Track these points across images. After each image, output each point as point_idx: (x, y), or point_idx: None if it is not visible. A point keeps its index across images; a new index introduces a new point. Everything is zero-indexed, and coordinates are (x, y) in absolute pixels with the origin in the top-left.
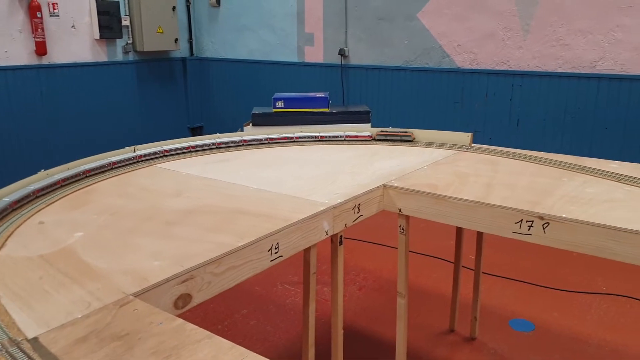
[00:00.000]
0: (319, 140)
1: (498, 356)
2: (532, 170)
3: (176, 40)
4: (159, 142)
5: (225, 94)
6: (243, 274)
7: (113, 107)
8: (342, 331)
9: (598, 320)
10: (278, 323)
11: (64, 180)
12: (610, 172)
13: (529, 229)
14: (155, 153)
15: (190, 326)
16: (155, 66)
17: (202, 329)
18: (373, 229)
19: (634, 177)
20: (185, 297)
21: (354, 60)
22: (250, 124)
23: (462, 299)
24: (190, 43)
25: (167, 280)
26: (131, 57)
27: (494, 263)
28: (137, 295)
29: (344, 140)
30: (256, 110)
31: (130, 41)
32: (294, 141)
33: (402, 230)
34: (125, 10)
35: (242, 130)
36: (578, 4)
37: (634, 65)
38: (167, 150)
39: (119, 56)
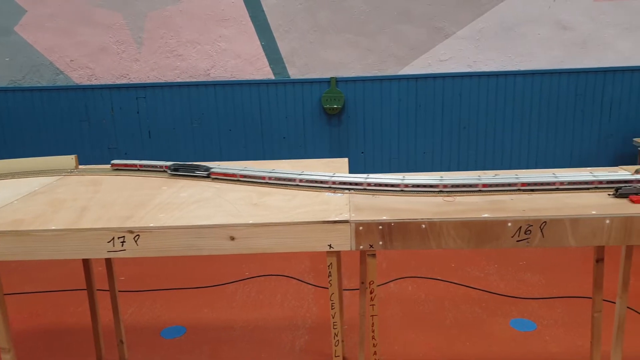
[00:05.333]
0: None
1: None
2: (135, 184)
3: None
4: None
5: None
6: None
7: None
8: None
9: (243, 303)
10: None
11: None
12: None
13: (122, 245)
14: None
15: None
16: None
17: None
18: None
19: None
20: None
21: None
22: None
23: (109, 326)
24: None
25: None
26: None
27: (145, 277)
28: None
29: None
30: None
31: None
32: None
33: None
34: None
35: None
36: (182, 17)
37: (240, 71)
38: None
39: None
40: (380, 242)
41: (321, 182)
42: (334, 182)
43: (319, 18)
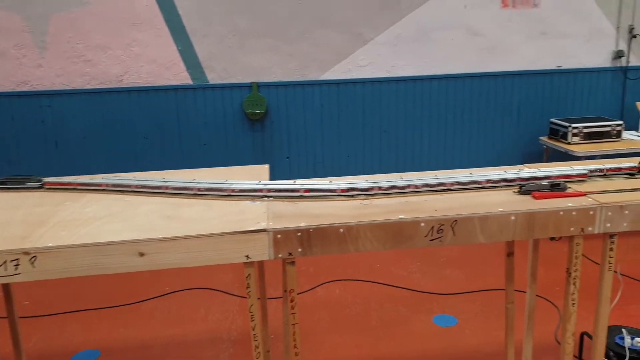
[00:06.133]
0: None
1: None
2: (34, 200)
3: None
4: None
5: None
6: None
7: None
8: None
9: (163, 320)
10: None
11: None
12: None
13: (16, 268)
14: None
15: None
16: None
17: None
18: None
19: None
20: None
21: None
22: None
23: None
24: None
25: None
26: None
27: (53, 300)
28: None
29: None
30: None
31: None
32: None
33: None
34: None
35: None
36: (91, 21)
37: (156, 77)
38: None
39: None
40: (300, 249)
41: (254, 190)
42: (269, 190)
43: (238, 22)
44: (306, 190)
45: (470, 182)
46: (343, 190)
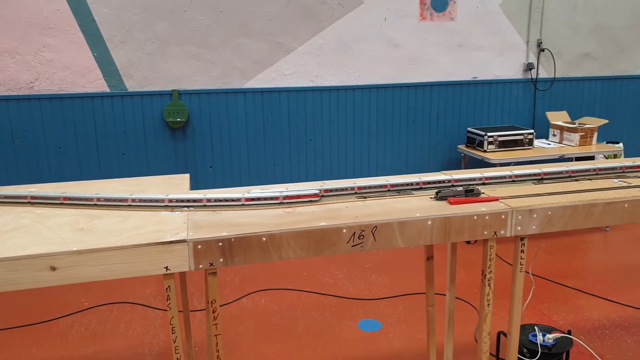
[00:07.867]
0: None
1: None
2: None
3: None
4: None
5: None
6: None
7: None
8: None
9: (81, 338)
10: None
11: None
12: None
13: None
14: None
15: None
16: None
17: None
18: None
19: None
20: None
21: None
22: None
23: None
24: None
25: None
26: None
27: None
28: None
29: None
30: None
31: None
32: None
33: None
34: None
35: None
36: None
37: (70, 84)
38: None
39: None
40: (221, 259)
41: (193, 200)
42: (209, 200)
43: (158, 29)
44: (247, 199)
45: (421, 183)
46: (285, 197)
